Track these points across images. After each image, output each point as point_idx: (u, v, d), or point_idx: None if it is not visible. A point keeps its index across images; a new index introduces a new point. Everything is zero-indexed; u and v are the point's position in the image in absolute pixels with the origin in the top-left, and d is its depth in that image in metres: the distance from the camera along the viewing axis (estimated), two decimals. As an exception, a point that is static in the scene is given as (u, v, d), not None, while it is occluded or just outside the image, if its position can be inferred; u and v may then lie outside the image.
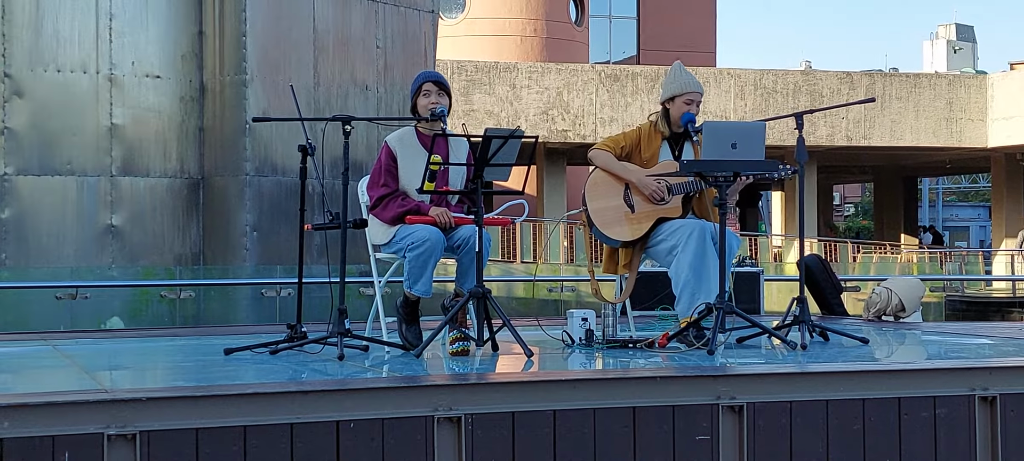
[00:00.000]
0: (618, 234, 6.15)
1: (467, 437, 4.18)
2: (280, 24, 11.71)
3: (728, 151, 5.61)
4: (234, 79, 11.40)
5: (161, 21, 11.33)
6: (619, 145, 6.21)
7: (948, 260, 29.61)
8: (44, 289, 10.50)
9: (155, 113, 11.25)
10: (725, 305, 5.60)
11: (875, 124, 26.55)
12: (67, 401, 3.86)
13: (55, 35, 10.91)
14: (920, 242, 36.10)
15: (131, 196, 11.14)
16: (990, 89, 27.27)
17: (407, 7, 12.97)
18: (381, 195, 5.93)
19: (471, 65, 24.69)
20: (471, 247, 5.72)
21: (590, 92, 25.08)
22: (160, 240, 11.27)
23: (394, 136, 6.04)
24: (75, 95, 10.95)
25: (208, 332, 7.78)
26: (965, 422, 4.71)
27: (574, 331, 5.97)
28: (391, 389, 4.30)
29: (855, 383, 4.69)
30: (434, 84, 5.95)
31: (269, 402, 4.04)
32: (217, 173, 11.44)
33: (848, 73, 26.91)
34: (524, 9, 30.05)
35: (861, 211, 58.54)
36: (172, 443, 3.87)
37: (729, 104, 25.64)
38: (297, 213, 5.85)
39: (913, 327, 7.54)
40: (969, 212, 58.87)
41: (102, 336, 7.56)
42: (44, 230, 10.93)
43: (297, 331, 5.67)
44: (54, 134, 10.89)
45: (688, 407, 4.45)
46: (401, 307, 5.87)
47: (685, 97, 6.16)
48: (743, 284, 8.46)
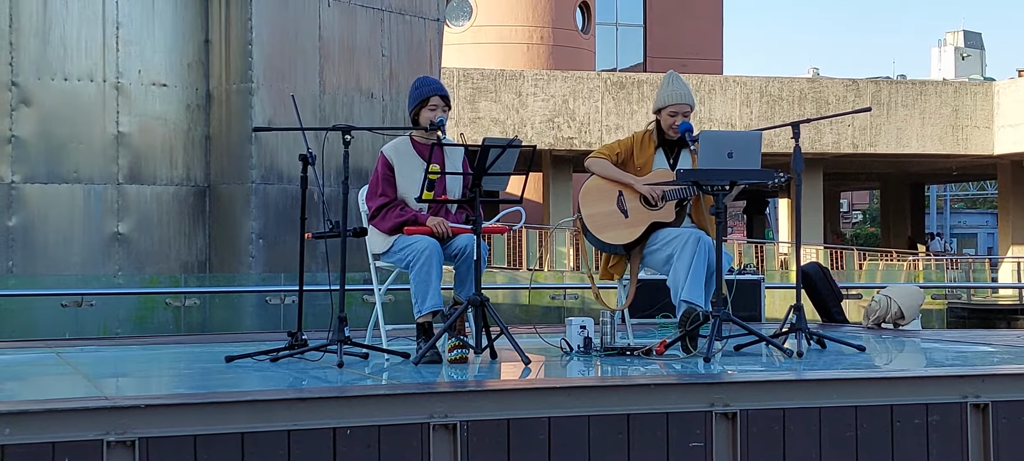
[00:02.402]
0: (611, 238, 6.22)
1: (463, 444, 4.23)
2: (286, 32, 11.78)
3: (725, 160, 5.66)
4: (240, 87, 11.47)
5: (167, 30, 11.40)
6: (615, 152, 6.29)
7: (953, 267, 29.57)
8: (50, 297, 10.57)
9: (161, 121, 11.32)
10: (722, 313, 5.65)
11: (881, 131, 26.56)
12: (67, 408, 3.92)
13: (62, 44, 10.99)
14: (927, 248, 36.06)
15: (137, 204, 11.21)
16: (996, 96, 27.26)
17: (413, 15, 13.03)
18: (380, 204, 5.99)
19: (477, 73, 24.75)
20: (469, 255, 5.78)
21: (596, 100, 25.13)
22: (166, 248, 11.33)
23: (389, 146, 6.10)
24: (82, 103, 11.03)
25: (212, 340, 7.84)
26: (957, 429, 4.75)
27: (572, 338, 6.02)
28: (387, 396, 4.35)
29: (848, 390, 4.73)
30: (442, 98, 6.01)
31: (267, 409, 4.10)
32: (223, 181, 11.51)
33: (854, 80, 26.92)
34: (530, 17, 30.12)
35: (869, 218, 58.48)
36: (171, 449, 3.92)
37: (735, 111, 25.67)
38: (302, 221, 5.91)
39: (912, 335, 7.57)
40: (977, 219, 58.75)
41: (106, 343, 7.62)
42: (51, 238, 11.00)
43: (298, 338, 5.73)
44: (61, 142, 10.96)
45: (682, 414, 4.50)
46: (418, 337, 5.85)
47: (669, 110, 6.22)
48: (743, 292, 8.49)
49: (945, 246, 43.01)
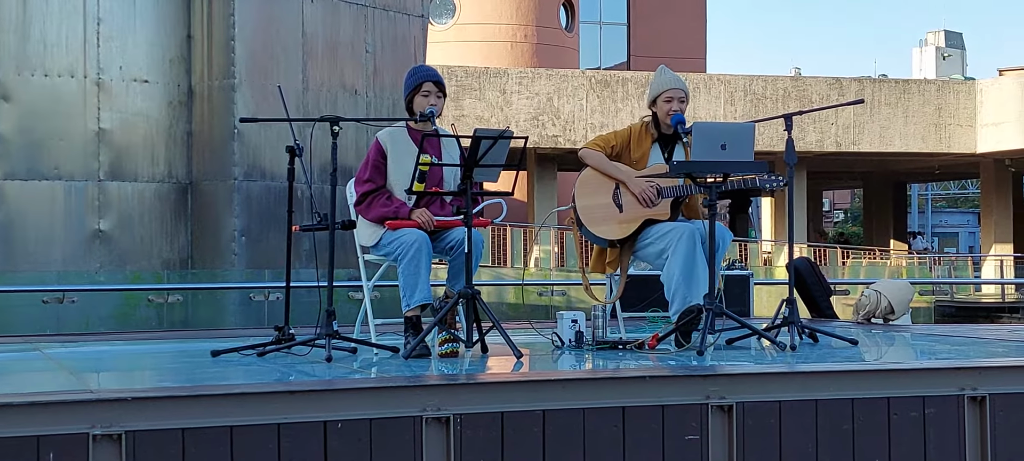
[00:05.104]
0: (604, 232, 6.14)
1: (456, 437, 4.16)
2: (269, 28, 11.68)
3: (718, 152, 5.60)
4: (222, 83, 11.36)
5: (149, 25, 11.29)
6: (610, 144, 6.21)
7: (937, 266, 29.65)
8: (31, 293, 10.45)
9: (143, 117, 11.20)
10: (715, 306, 5.59)
11: (864, 130, 26.59)
12: (52, 401, 3.83)
13: (42, 40, 10.87)
14: (909, 247, 36.14)
15: (119, 201, 11.09)
16: (979, 95, 27.33)
17: (397, 12, 12.94)
18: (366, 191, 5.90)
19: (461, 70, 24.67)
20: (464, 248, 5.69)
21: (580, 98, 25.08)
22: (148, 245, 11.22)
23: (385, 132, 6.01)
24: (63, 100, 10.90)
25: (196, 336, 7.75)
26: (954, 422, 4.71)
27: (564, 333, 5.96)
28: (379, 389, 4.28)
29: (844, 383, 4.68)
30: (434, 84, 5.93)
31: (256, 402, 4.02)
32: (205, 178, 11.40)
33: (837, 79, 26.95)
34: (514, 15, 30.05)
35: (851, 217, 58.63)
36: (158, 443, 3.84)
37: (719, 110, 25.66)
38: (286, 217, 5.82)
39: (902, 329, 7.54)
40: (958, 218, 58.95)
41: (89, 339, 7.52)
42: (31, 235, 10.88)
43: (285, 333, 5.65)
44: (42, 139, 10.84)
45: (677, 407, 4.44)
46: (406, 331, 5.78)
47: (664, 95, 6.16)
48: (733, 287, 8.46)
49: (927, 245, 43.15)
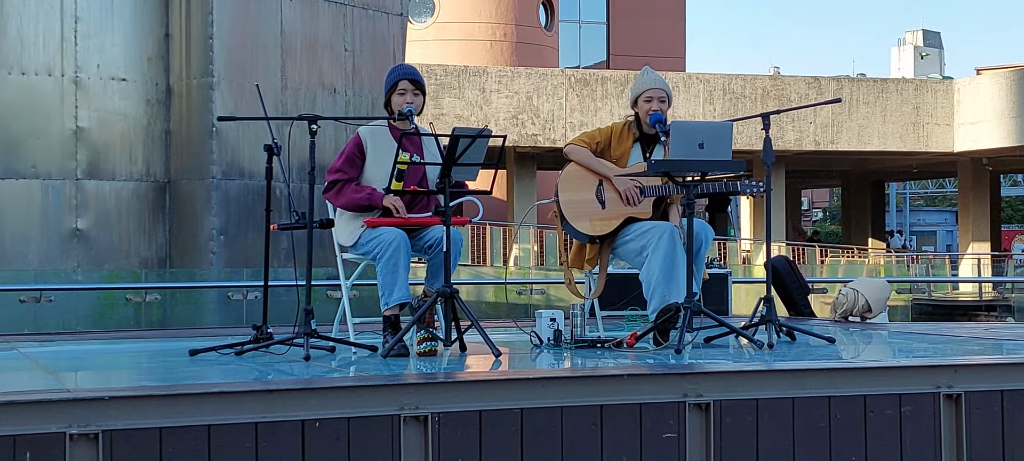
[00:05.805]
0: (585, 228, 6.16)
1: (434, 436, 4.16)
2: (247, 27, 11.65)
3: (696, 151, 5.61)
4: (201, 82, 11.33)
5: (127, 24, 11.25)
6: (594, 141, 6.24)
7: (915, 264, 29.80)
8: (8, 293, 10.40)
9: (121, 116, 11.17)
10: (693, 305, 5.61)
11: (843, 129, 26.69)
12: (28, 400, 3.81)
13: (19, 38, 10.82)
14: (887, 246, 36.31)
15: (96, 200, 11.05)
16: (957, 94, 27.47)
17: (376, 10, 12.93)
18: (335, 180, 5.89)
19: (440, 69, 24.65)
20: (442, 247, 5.69)
21: (560, 96, 25.09)
22: (126, 244, 11.18)
23: (367, 129, 6.00)
24: (39, 98, 10.86)
25: (174, 335, 7.72)
26: (930, 419, 4.73)
27: (542, 331, 5.96)
28: (357, 388, 4.27)
29: (821, 381, 4.70)
30: (410, 83, 5.91)
31: (233, 401, 4.00)
32: (184, 176, 11.37)
33: (816, 78, 27.05)
34: (494, 14, 30.05)
35: (829, 216, 58.86)
36: (135, 442, 3.82)
37: (698, 109, 25.72)
38: (264, 216, 5.81)
39: (879, 327, 7.57)
40: (936, 217, 59.28)
41: (66, 339, 7.49)
42: (8, 234, 10.83)
43: (263, 332, 5.63)
44: (18, 137, 10.79)
45: (655, 405, 4.44)
46: (384, 331, 5.76)
47: (645, 94, 6.19)
48: (711, 286, 8.46)
49: (905, 243, 43.34)
